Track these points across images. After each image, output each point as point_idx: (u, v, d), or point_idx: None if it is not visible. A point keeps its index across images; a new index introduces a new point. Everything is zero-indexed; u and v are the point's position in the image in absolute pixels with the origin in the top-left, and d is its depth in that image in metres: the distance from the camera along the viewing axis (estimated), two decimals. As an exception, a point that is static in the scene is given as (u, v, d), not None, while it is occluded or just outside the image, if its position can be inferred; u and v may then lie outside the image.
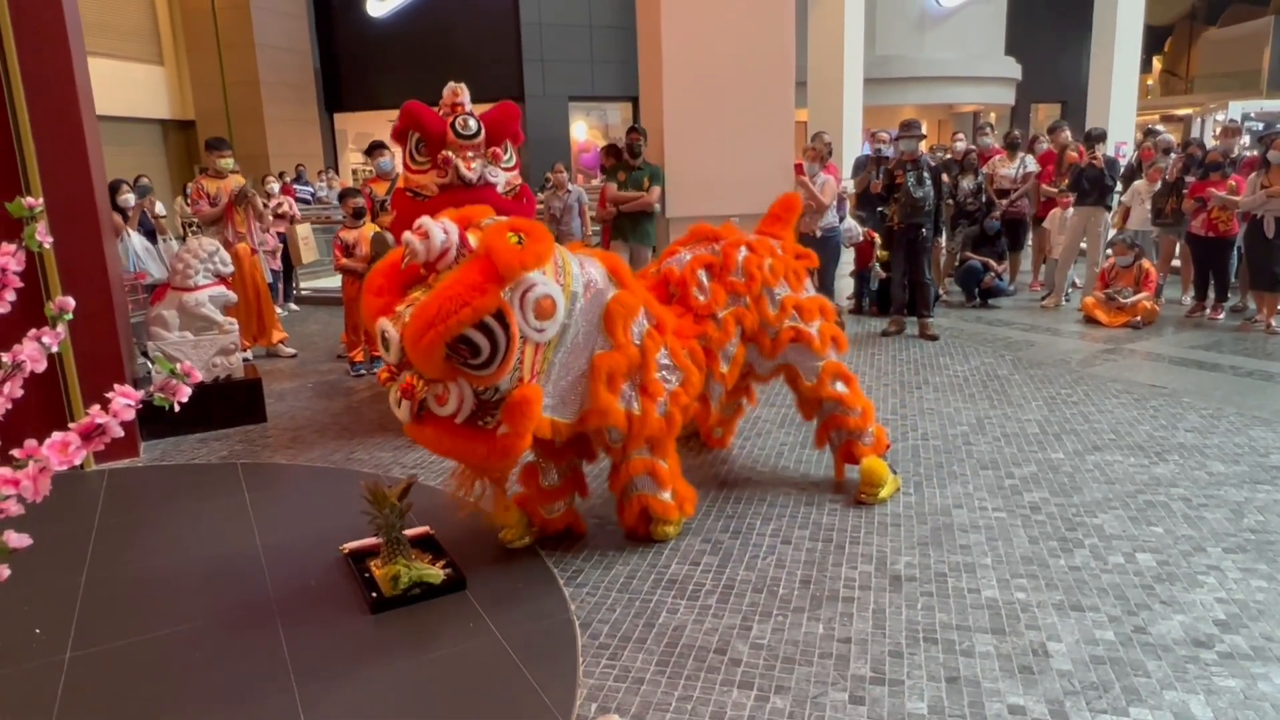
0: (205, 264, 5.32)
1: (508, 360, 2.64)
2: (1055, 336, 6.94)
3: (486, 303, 2.55)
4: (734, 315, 3.49)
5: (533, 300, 2.67)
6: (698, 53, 6.84)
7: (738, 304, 3.52)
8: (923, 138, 7.11)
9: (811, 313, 3.67)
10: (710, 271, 3.53)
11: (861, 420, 3.76)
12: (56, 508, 1.22)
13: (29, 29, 4.08)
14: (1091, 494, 3.74)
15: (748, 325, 3.52)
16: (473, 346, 2.58)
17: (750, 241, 3.67)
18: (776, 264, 3.65)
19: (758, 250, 3.62)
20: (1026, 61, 19.81)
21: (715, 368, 3.42)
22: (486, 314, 2.56)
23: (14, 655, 2.68)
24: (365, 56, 18.27)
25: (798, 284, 3.71)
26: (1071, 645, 2.60)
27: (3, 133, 4.08)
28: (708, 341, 3.40)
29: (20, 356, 1.18)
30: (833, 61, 13.97)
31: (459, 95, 4.47)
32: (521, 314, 2.66)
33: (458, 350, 2.59)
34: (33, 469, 1.02)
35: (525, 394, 2.69)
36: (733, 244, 3.61)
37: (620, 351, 2.97)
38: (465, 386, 2.68)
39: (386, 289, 2.76)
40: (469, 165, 4.28)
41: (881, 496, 3.69)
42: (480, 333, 2.57)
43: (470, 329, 2.55)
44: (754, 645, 2.65)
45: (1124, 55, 14.58)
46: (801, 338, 3.62)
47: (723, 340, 3.45)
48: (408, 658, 2.63)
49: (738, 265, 3.54)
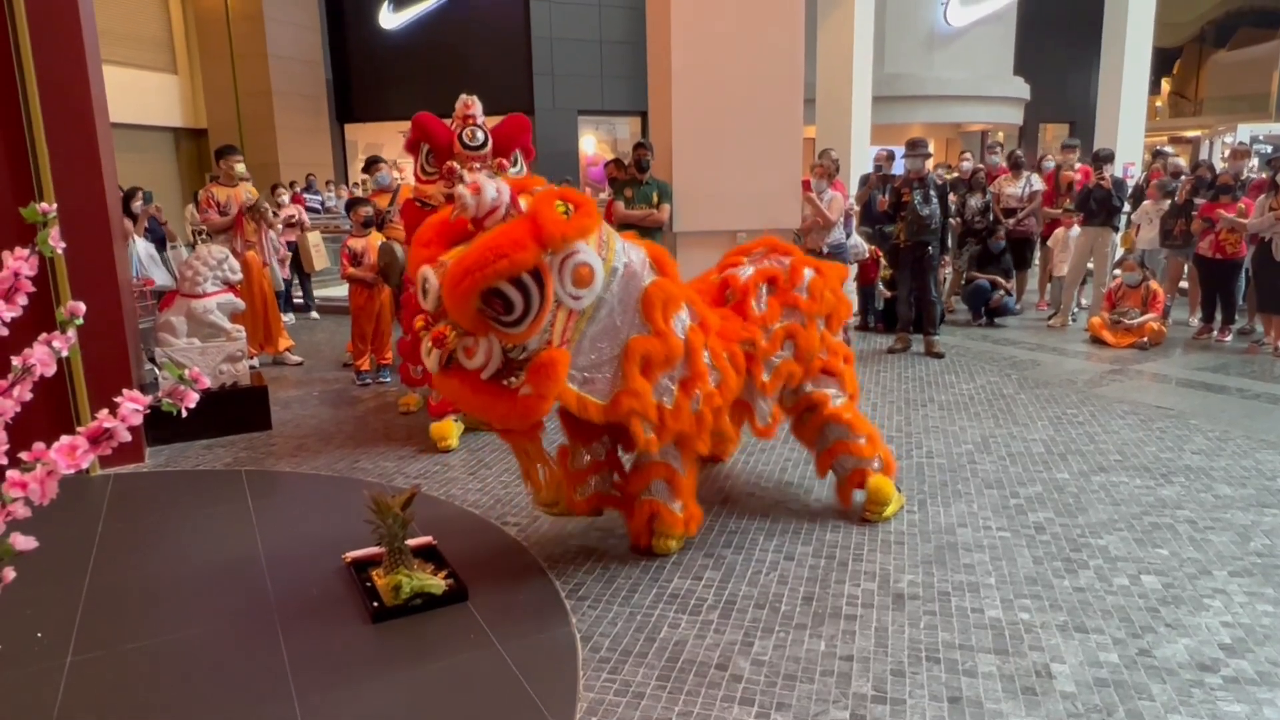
0: (214, 271, 5.35)
1: (539, 320, 2.68)
2: (1061, 356, 6.93)
3: (525, 258, 2.60)
4: (786, 330, 3.50)
5: (572, 266, 2.71)
6: (707, 69, 6.87)
7: (793, 319, 3.53)
8: (929, 156, 7.13)
9: (837, 354, 3.72)
10: (773, 285, 3.56)
11: (869, 447, 3.71)
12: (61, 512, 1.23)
13: (46, 37, 4.12)
14: (1097, 515, 3.72)
15: (800, 343, 3.53)
16: (506, 301, 2.63)
17: (820, 265, 3.74)
18: (831, 300, 3.69)
19: (825, 275, 3.68)
20: (1035, 81, 19.85)
21: (757, 373, 3.41)
22: (523, 269, 2.60)
23: (15, 659, 2.68)
24: (377, 68, 18.42)
25: (836, 325, 3.75)
26: (1075, 667, 2.58)
27: (18, 138, 4.12)
28: (752, 347, 3.39)
29: (31, 360, 1.19)
30: (841, 79, 14.01)
31: (470, 107, 4.51)
32: (559, 278, 2.70)
33: (491, 304, 2.64)
34: (40, 472, 1.03)
35: (553, 356, 2.74)
36: (802, 261, 3.67)
37: (660, 340, 2.97)
38: (494, 342, 2.73)
39: (434, 241, 2.83)
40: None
41: (886, 515, 3.68)
42: (515, 289, 2.62)
43: (506, 284, 2.60)
44: (755, 661, 2.64)
45: (1133, 76, 14.58)
46: (832, 369, 3.67)
47: (770, 351, 3.45)
48: (408, 668, 2.62)
49: (804, 282, 3.58)
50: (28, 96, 4.09)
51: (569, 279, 2.72)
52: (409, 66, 17.87)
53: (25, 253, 1.25)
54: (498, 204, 2.71)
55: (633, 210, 6.77)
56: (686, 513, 3.35)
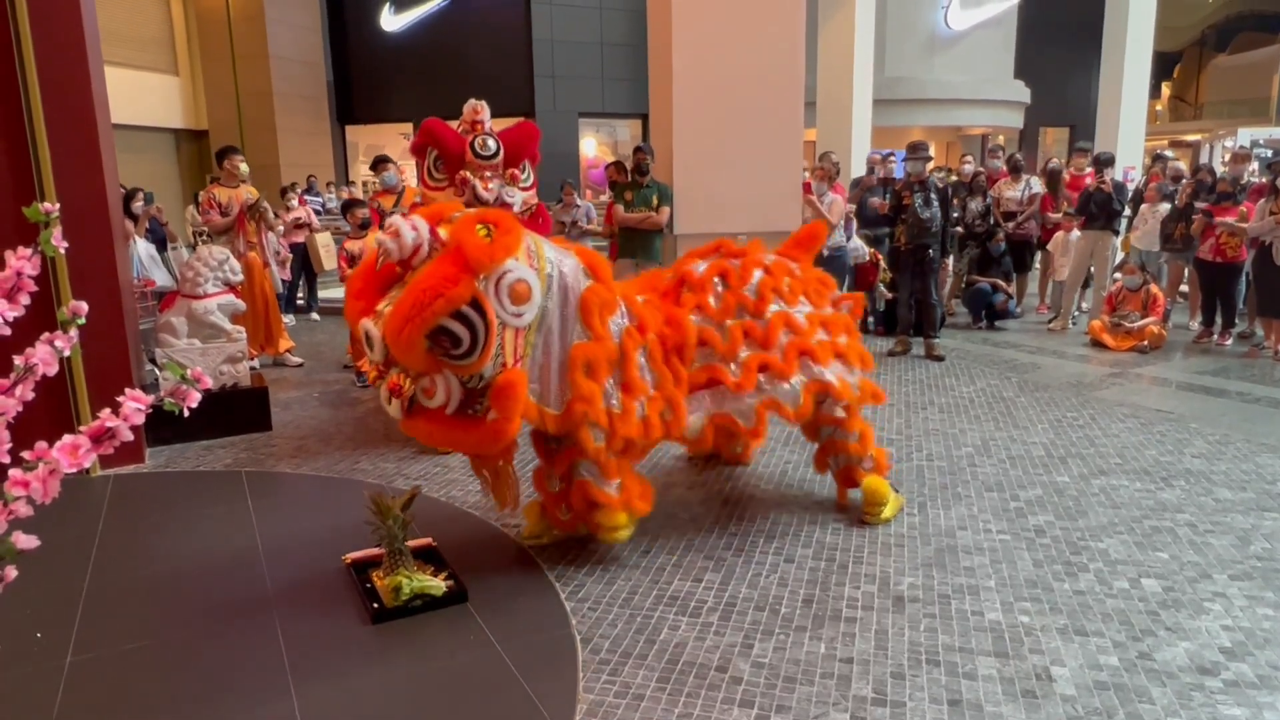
0: (215, 272, 5.35)
1: (488, 347, 2.71)
2: (1061, 359, 6.93)
3: (459, 292, 2.62)
4: (741, 328, 3.45)
5: (507, 285, 2.73)
6: (708, 71, 6.88)
7: (744, 319, 3.48)
8: (930, 159, 7.14)
9: (838, 328, 3.66)
10: (725, 281, 3.53)
11: (860, 446, 3.72)
12: (61, 512, 1.23)
13: (48, 38, 4.13)
14: (1097, 518, 3.72)
15: (757, 339, 3.45)
16: (453, 337, 2.66)
17: (768, 264, 3.65)
18: (795, 283, 3.64)
19: (773, 273, 3.62)
20: (1035, 85, 19.87)
21: (724, 377, 3.36)
22: (461, 304, 2.63)
23: (15, 659, 2.68)
24: (378, 70, 18.43)
25: (820, 300, 3.69)
26: (1075, 670, 2.58)
27: (19, 138, 4.13)
28: (712, 350, 3.36)
29: (33, 359, 1.19)
30: (842, 82, 14.02)
31: (479, 113, 4.48)
32: (498, 301, 2.72)
33: (439, 342, 2.67)
34: (42, 471, 1.03)
35: (510, 378, 2.76)
36: (752, 261, 3.61)
37: (599, 344, 2.98)
38: (451, 377, 2.76)
39: (365, 292, 2.84)
40: (486, 186, 4.33)
41: (885, 516, 3.68)
42: (458, 322, 2.65)
43: (447, 319, 2.63)
44: (755, 664, 2.64)
45: (1133, 80, 14.59)
46: (836, 352, 3.60)
47: (730, 350, 3.39)
48: (408, 669, 2.62)
49: (752, 283, 3.53)
50: (29, 97, 4.09)
51: (507, 299, 2.74)
52: (410, 68, 17.89)
53: (28, 252, 1.25)
54: (419, 242, 2.71)
55: (632, 213, 6.78)
56: (626, 492, 3.23)
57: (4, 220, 3.97)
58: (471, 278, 2.65)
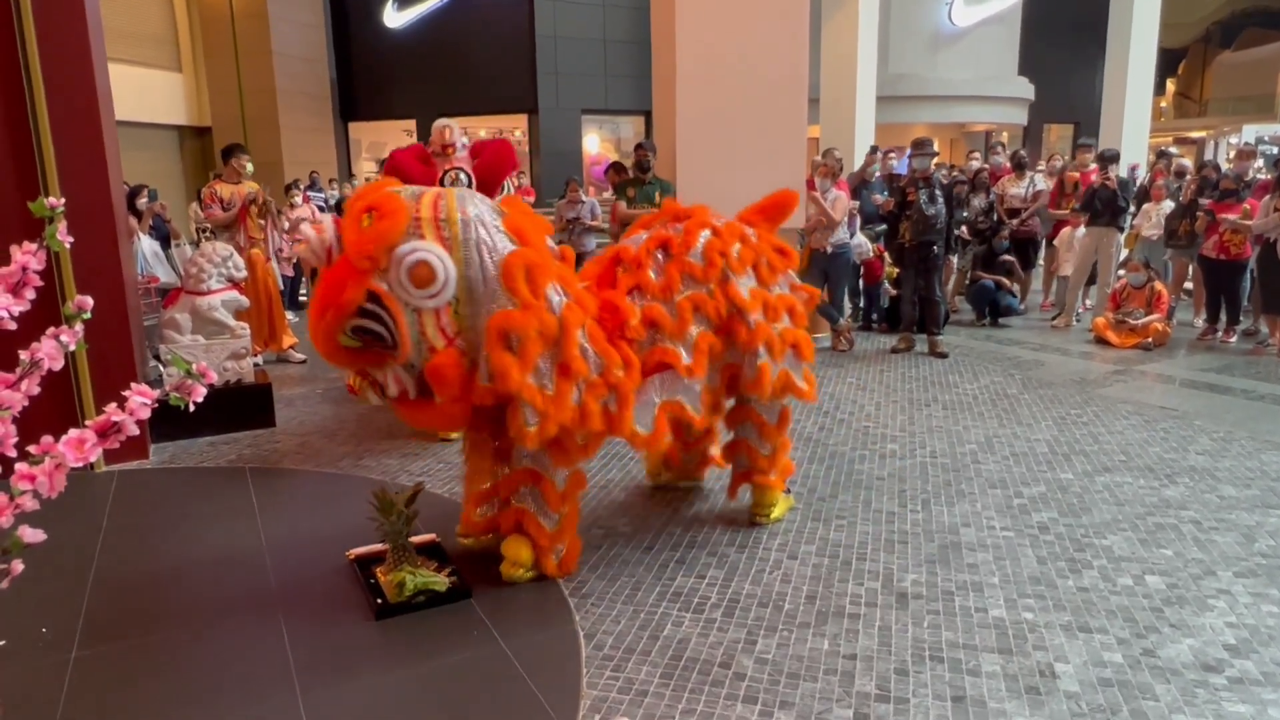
0: (218, 268, 5.36)
1: (403, 339, 2.64)
2: (1065, 356, 6.92)
3: (349, 297, 2.58)
4: (691, 301, 3.16)
5: (405, 270, 2.60)
6: (711, 68, 6.87)
7: (696, 289, 3.19)
8: (934, 155, 7.13)
9: (776, 312, 3.38)
10: (668, 251, 3.24)
11: (769, 461, 3.56)
12: (66, 508, 1.23)
13: (53, 34, 4.13)
14: (1101, 515, 3.71)
15: (710, 313, 3.20)
16: (373, 334, 2.65)
17: (717, 225, 3.36)
18: (745, 251, 3.34)
19: (723, 235, 3.32)
20: (1040, 82, 19.83)
21: (675, 362, 3.10)
22: (354, 305, 2.59)
23: (21, 653, 2.69)
24: (381, 67, 18.43)
25: (770, 277, 3.41)
26: (1079, 667, 2.58)
27: (24, 135, 4.13)
28: (659, 331, 3.09)
29: (39, 354, 1.19)
30: (845, 79, 14.01)
31: (447, 135, 4.21)
32: (402, 288, 2.62)
33: (366, 341, 2.67)
34: (48, 465, 1.03)
35: (436, 362, 2.69)
36: (697, 224, 3.33)
37: (528, 313, 2.70)
38: (395, 368, 2.75)
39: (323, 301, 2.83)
40: None
41: (775, 516, 3.65)
42: (369, 319, 2.63)
43: (358, 320, 2.62)
44: (759, 660, 2.64)
45: (1138, 77, 14.56)
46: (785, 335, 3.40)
47: (680, 329, 3.12)
48: (411, 665, 2.62)
49: (697, 248, 3.24)
50: (34, 93, 4.10)
51: (409, 285, 2.61)
52: (413, 65, 17.88)
53: (33, 247, 1.25)
54: (328, 243, 2.71)
55: (635, 210, 6.77)
56: (556, 537, 3.05)
57: (9, 217, 3.98)
58: (363, 276, 2.58)
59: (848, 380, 6.22)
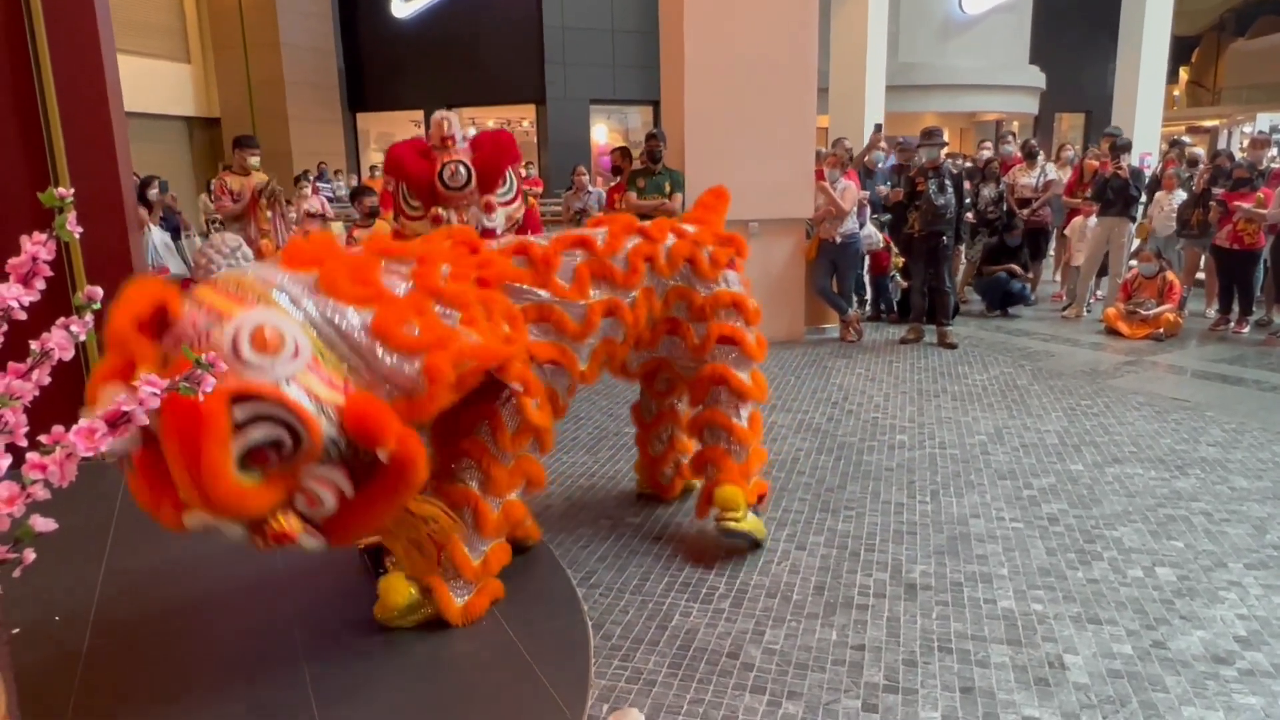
0: (228, 259, 5.35)
1: (302, 412, 2.03)
2: (1076, 347, 6.88)
3: (213, 418, 1.91)
4: (603, 306, 2.95)
5: (248, 344, 2.02)
6: (720, 58, 6.84)
7: (614, 295, 2.99)
8: (944, 145, 7.08)
9: (717, 307, 3.22)
10: (586, 250, 2.98)
11: (741, 469, 3.28)
12: (77, 497, 1.24)
13: (62, 26, 4.14)
14: (1111, 506, 3.70)
15: (627, 320, 3.02)
16: (270, 441, 2.02)
17: (645, 228, 3.19)
18: (677, 249, 3.18)
19: (652, 236, 3.15)
20: (1051, 70, 19.68)
21: (568, 363, 2.88)
22: (224, 428, 1.93)
23: (34, 641, 2.71)
24: (389, 57, 18.42)
25: (712, 272, 3.23)
26: (1089, 658, 2.57)
27: (34, 127, 4.14)
28: (550, 329, 2.84)
29: (49, 344, 1.19)
30: (854, 68, 13.94)
31: (446, 128, 4.07)
32: (258, 368, 2.02)
33: (260, 460, 2.03)
34: (60, 454, 1.04)
35: (354, 408, 2.12)
36: (627, 227, 3.14)
37: (387, 305, 2.32)
38: (313, 472, 2.13)
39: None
40: (463, 218, 3.95)
41: (745, 528, 3.21)
42: (253, 428, 2.00)
43: (241, 437, 1.98)
44: (766, 650, 2.64)
45: (1150, 65, 14.44)
46: (730, 336, 3.22)
47: (582, 333, 2.89)
48: (420, 655, 2.63)
49: (622, 251, 3.03)
50: (43, 85, 4.11)
51: (262, 356, 2.02)
52: (421, 55, 17.86)
53: (43, 237, 1.26)
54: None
55: (645, 200, 6.76)
56: (482, 569, 2.76)
57: (21, 208, 3.99)
58: (220, 399, 1.90)
59: (856, 371, 6.20)
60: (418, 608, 2.72)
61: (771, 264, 7.22)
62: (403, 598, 2.69)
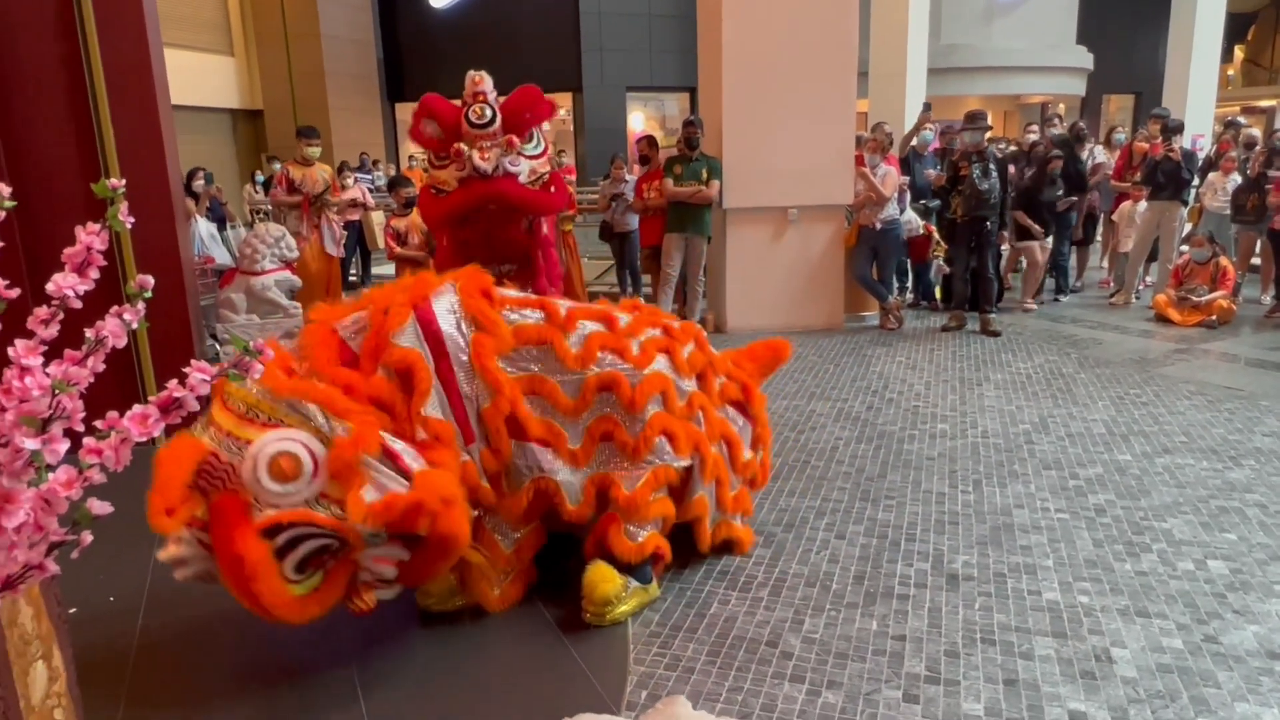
0: (272, 249, 5.47)
1: (339, 530, 2.19)
2: (1124, 335, 6.72)
3: (251, 552, 2.10)
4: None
5: (266, 473, 2.14)
6: (758, 42, 6.76)
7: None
8: (988, 129, 6.94)
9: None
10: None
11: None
12: (128, 482, 1.27)
13: (111, 22, 4.23)
14: (1161, 498, 3.61)
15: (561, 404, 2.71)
16: (315, 551, 2.20)
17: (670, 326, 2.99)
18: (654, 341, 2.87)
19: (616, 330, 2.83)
20: (1099, 51, 19.12)
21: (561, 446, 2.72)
22: (266, 559, 2.12)
23: (91, 621, 2.80)
24: (426, 46, 18.55)
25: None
26: (1137, 652, 2.52)
27: (85, 120, 4.24)
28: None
29: (103, 332, 1.22)
30: (895, 51, 13.68)
31: (480, 84, 4.09)
32: (277, 495, 2.15)
33: (318, 563, 2.23)
34: (115, 439, 1.06)
35: (380, 510, 2.18)
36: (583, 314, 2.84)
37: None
38: (367, 555, 2.29)
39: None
40: (484, 155, 3.93)
41: (618, 613, 2.74)
42: (296, 549, 2.18)
43: (289, 559, 2.17)
44: (806, 639, 2.63)
45: (1204, 44, 13.97)
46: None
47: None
48: (461, 639, 2.66)
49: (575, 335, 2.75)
50: (94, 80, 4.21)
51: (277, 486, 2.14)
52: (458, 44, 17.95)
53: (97, 228, 1.29)
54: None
55: (681, 187, 6.73)
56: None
57: (73, 201, 4.10)
58: (244, 521, 2.12)
59: (896, 359, 6.12)
60: (457, 594, 2.76)
61: (810, 251, 7.15)
62: (442, 582, 2.72)
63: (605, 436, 2.73)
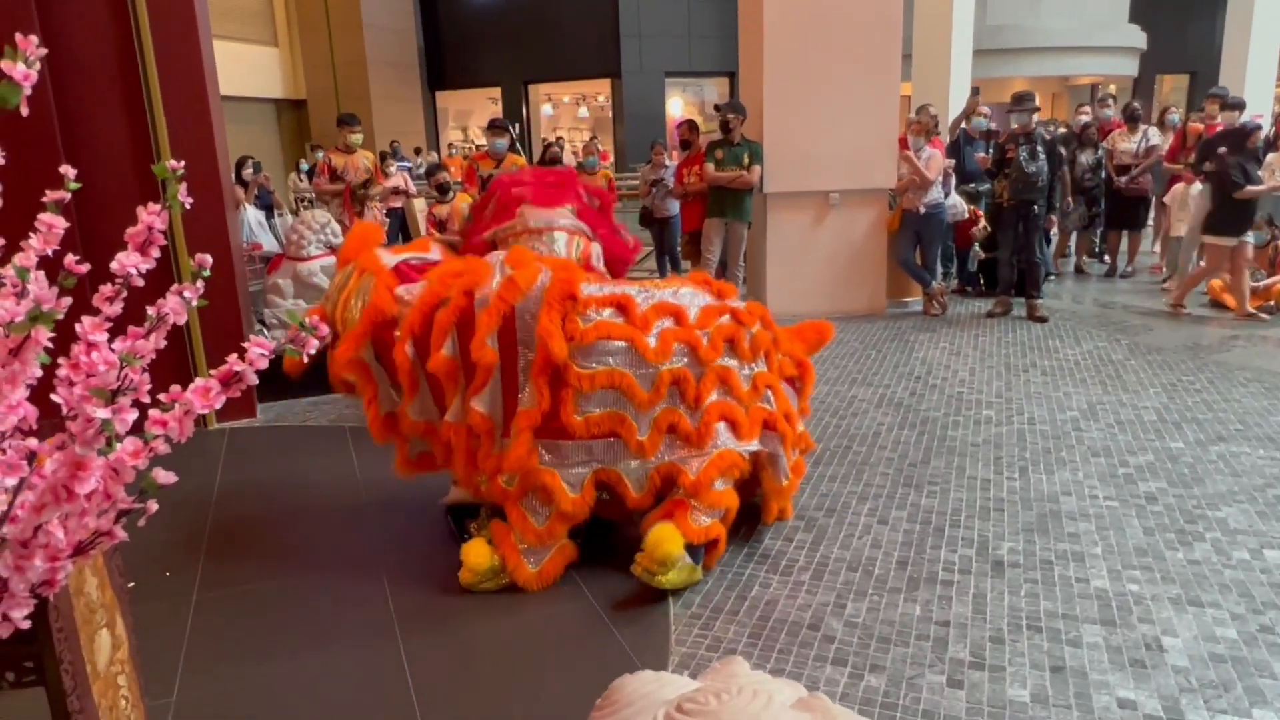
0: (318, 235, 5.56)
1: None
2: (1177, 321, 6.55)
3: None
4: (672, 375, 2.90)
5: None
6: (800, 23, 6.68)
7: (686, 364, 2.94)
8: (1036, 110, 6.78)
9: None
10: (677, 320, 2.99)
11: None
12: (184, 460, 1.31)
13: (163, 14, 4.34)
14: (1214, 486, 3.52)
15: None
16: None
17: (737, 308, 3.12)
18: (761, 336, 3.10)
19: (742, 318, 3.08)
20: (1152, 29, 18.54)
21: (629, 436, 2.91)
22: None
23: (149, 594, 2.88)
24: (466, 35, 18.64)
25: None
26: (1189, 641, 2.47)
27: (138, 110, 4.36)
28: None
29: (165, 309, 1.26)
30: (940, 32, 13.41)
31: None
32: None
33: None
34: (178, 411, 1.10)
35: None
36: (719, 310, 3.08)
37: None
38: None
39: None
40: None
41: (670, 581, 2.74)
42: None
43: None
44: (848, 623, 2.62)
45: (1264, 20, 13.47)
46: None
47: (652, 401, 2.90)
48: (503, 616, 2.71)
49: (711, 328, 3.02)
50: (147, 71, 4.32)
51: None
52: (497, 32, 18.02)
53: (158, 208, 1.32)
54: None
55: (723, 172, 6.69)
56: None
57: (128, 187, 4.21)
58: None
59: (940, 345, 6.04)
60: (499, 572, 2.80)
61: (853, 235, 7.07)
62: (484, 561, 2.79)
63: (671, 428, 2.86)
